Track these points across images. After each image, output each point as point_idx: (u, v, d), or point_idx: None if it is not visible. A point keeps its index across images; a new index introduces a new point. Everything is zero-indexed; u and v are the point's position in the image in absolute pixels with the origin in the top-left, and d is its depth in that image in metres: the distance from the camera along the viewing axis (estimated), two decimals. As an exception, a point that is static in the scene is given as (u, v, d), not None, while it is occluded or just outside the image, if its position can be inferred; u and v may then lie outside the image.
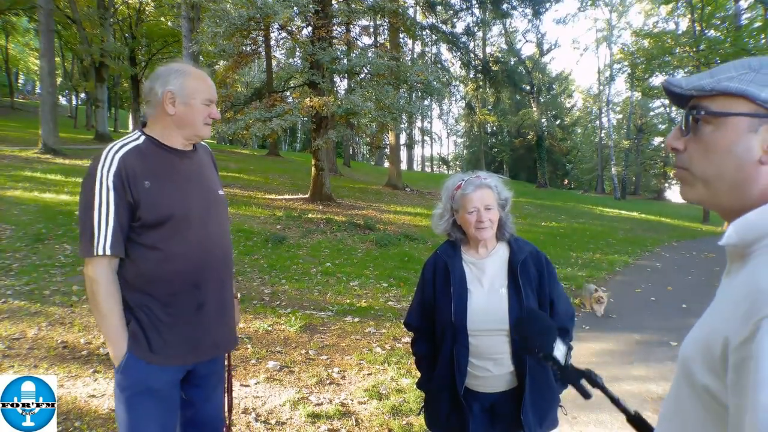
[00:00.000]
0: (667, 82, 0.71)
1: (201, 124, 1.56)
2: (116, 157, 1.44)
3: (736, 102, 0.63)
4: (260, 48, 11.94)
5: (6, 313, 3.96)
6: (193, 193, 1.56)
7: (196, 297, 1.53)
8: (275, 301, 4.97)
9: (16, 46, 34.02)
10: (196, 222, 1.54)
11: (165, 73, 1.52)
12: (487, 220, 1.55)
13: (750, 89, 0.61)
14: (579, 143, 45.14)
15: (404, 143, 31.67)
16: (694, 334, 0.65)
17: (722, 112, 0.64)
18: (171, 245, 1.48)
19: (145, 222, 1.45)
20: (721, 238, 0.65)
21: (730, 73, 0.64)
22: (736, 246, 0.64)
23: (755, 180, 0.62)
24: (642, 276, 7.55)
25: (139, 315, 1.47)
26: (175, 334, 1.50)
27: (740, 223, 0.63)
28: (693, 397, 0.62)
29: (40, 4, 13.03)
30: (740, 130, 0.62)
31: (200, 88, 1.54)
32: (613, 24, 34.45)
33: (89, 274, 1.42)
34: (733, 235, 0.63)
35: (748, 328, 0.52)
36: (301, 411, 2.83)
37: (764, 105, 0.61)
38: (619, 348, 4.25)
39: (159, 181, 1.48)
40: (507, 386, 1.55)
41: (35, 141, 13.92)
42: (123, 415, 1.46)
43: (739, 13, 16.73)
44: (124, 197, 1.42)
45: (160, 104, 1.51)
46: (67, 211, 7.29)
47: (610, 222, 15.56)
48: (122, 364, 1.44)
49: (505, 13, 18.86)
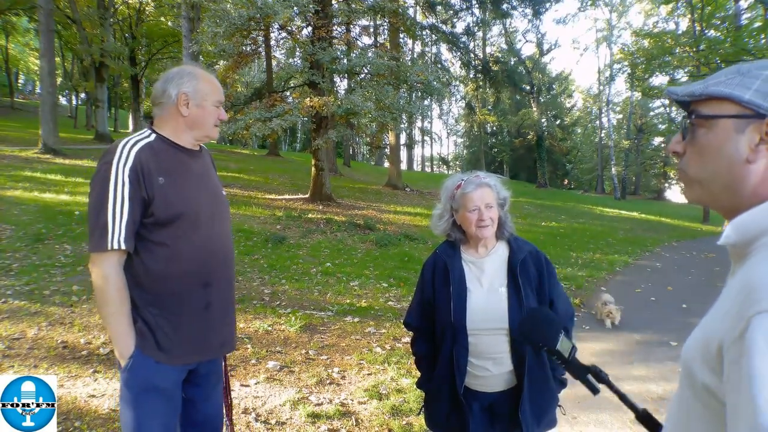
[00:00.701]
0: (668, 90, 0.75)
1: (211, 126, 1.60)
2: (132, 152, 1.44)
3: (724, 105, 0.66)
4: (260, 48, 11.94)
5: (6, 313, 3.96)
6: (203, 193, 1.58)
7: (204, 296, 1.54)
8: (275, 301, 4.97)
9: (16, 46, 34.03)
10: (204, 221, 1.54)
11: (178, 76, 1.54)
12: (488, 218, 1.56)
13: (735, 92, 0.64)
14: (579, 143, 45.14)
15: (404, 143, 31.67)
16: (695, 335, 0.66)
17: (711, 115, 0.67)
18: (180, 243, 1.49)
19: (158, 218, 1.45)
20: (720, 238, 0.66)
21: (720, 78, 0.68)
22: (735, 245, 0.65)
23: (746, 179, 0.64)
24: (642, 276, 7.55)
25: (147, 314, 1.47)
26: (183, 333, 1.50)
27: (736, 222, 0.65)
28: (694, 396, 0.63)
29: (40, 4, 13.04)
30: (729, 132, 0.65)
31: (212, 90, 1.58)
32: (613, 24, 34.46)
33: (98, 269, 1.40)
34: (731, 234, 0.65)
35: (741, 325, 0.54)
36: (301, 411, 2.83)
37: (748, 106, 0.63)
38: (619, 348, 4.25)
39: (172, 179, 1.49)
40: (506, 386, 1.55)
41: (35, 141, 13.92)
42: (129, 413, 1.46)
43: (739, 13, 16.72)
44: (139, 192, 1.42)
45: (174, 105, 1.53)
46: (67, 211, 7.30)
47: (610, 222, 15.56)
48: (130, 363, 1.44)
49: (505, 13, 18.86)
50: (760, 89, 0.63)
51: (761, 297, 0.53)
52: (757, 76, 0.64)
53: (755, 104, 0.63)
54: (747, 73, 0.65)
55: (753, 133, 0.63)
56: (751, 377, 0.50)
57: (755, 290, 0.55)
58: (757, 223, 0.62)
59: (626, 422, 2.88)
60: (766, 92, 0.63)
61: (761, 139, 0.63)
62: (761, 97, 0.63)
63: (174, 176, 1.50)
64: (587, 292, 6.24)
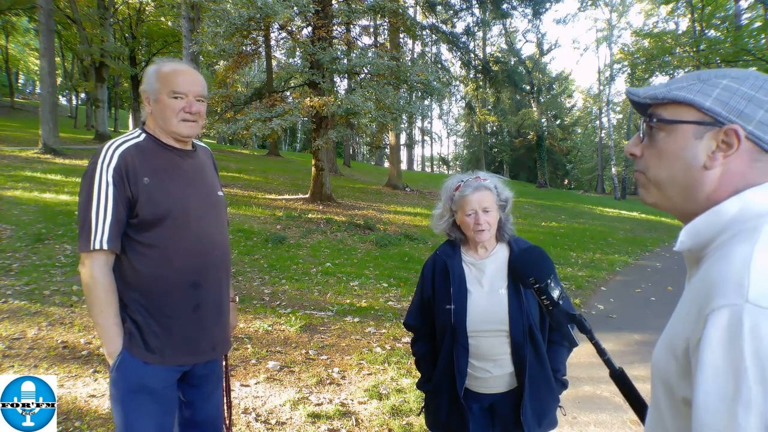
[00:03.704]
0: (628, 91, 0.75)
1: (175, 121, 1.50)
2: (116, 153, 1.44)
3: (684, 110, 0.67)
4: (260, 48, 11.93)
5: (6, 313, 3.96)
6: (193, 193, 1.55)
7: (194, 297, 1.52)
8: (275, 301, 4.97)
9: (16, 46, 34.01)
10: (194, 221, 1.53)
11: (145, 74, 1.55)
12: (485, 222, 1.54)
13: (696, 98, 0.66)
14: (579, 143, 45.14)
15: (404, 143, 31.68)
16: (661, 341, 0.67)
17: (672, 120, 0.68)
18: (169, 244, 1.47)
19: (143, 219, 1.44)
20: (675, 244, 0.67)
21: (681, 83, 0.68)
22: (690, 250, 0.67)
23: (702, 185, 0.66)
24: (642, 276, 7.55)
25: (135, 314, 1.46)
26: (171, 334, 1.49)
27: (689, 228, 0.66)
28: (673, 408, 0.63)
29: (40, 4, 13.04)
30: (688, 137, 0.67)
31: (167, 81, 1.49)
32: (613, 24, 34.44)
33: (85, 269, 1.41)
34: (686, 240, 0.67)
35: (701, 324, 0.55)
36: (301, 411, 2.83)
37: (708, 113, 0.65)
38: (619, 348, 4.25)
39: (158, 178, 1.48)
40: (507, 387, 1.55)
41: (35, 141, 13.93)
42: (119, 414, 1.45)
43: (739, 13, 16.73)
44: (123, 192, 1.42)
45: (146, 105, 1.54)
46: (67, 211, 7.29)
47: (611, 222, 15.55)
48: (117, 363, 1.44)
49: (505, 13, 18.86)
50: (719, 97, 0.64)
51: (717, 293, 0.55)
52: (716, 84, 0.65)
53: (714, 112, 0.64)
54: (707, 81, 0.66)
55: (710, 141, 0.64)
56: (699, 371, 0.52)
57: (712, 287, 0.56)
58: (709, 228, 0.64)
59: (626, 422, 2.88)
60: (725, 101, 0.64)
61: (717, 147, 0.64)
62: (720, 105, 0.64)
63: (161, 176, 1.49)
64: (587, 292, 6.24)
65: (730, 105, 0.63)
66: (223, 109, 11.20)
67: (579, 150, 44.85)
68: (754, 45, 14.65)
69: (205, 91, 1.56)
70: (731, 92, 0.64)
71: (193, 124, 1.53)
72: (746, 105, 0.63)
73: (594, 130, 42.19)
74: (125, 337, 1.45)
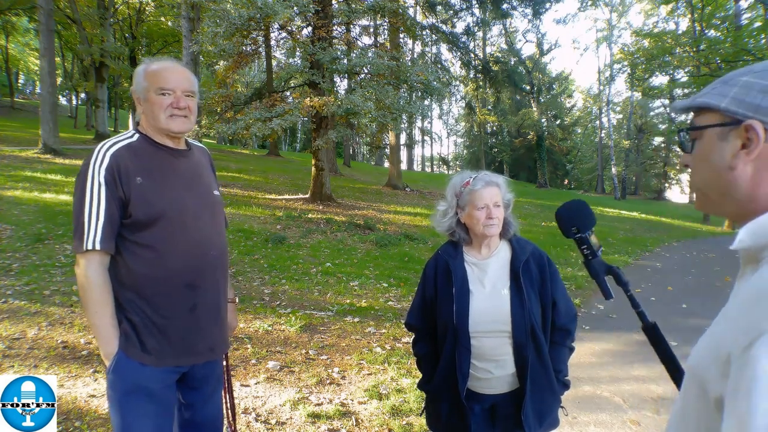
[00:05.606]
0: (671, 106, 0.77)
1: (163, 117, 1.49)
2: (108, 154, 1.44)
3: (708, 115, 0.67)
4: (260, 48, 11.93)
5: (6, 313, 3.96)
6: (188, 193, 1.54)
7: (190, 298, 1.51)
8: (275, 301, 4.97)
9: (16, 46, 34.02)
10: (190, 222, 1.51)
11: (134, 74, 1.54)
12: (496, 216, 1.55)
13: (712, 101, 0.66)
14: (579, 143, 45.14)
15: (404, 143, 31.68)
16: (703, 343, 0.65)
17: (696, 126, 0.69)
18: (164, 244, 1.46)
19: (137, 219, 1.43)
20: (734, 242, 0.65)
21: (706, 89, 0.69)
22: (749, 249, 0.64)
23: (734, 185, 0.65)
24: (642, 276, 7.54)
25: (131, 315, 1.46)
26: (168, 335, 1.48)
27: (752, 227, 0.63)
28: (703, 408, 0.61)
29: (40, 4, 13.04)
30: (714, 141, 0.67)
31: (154, 78, 1.49)
32: (613, 24, 34.46)
33: (80, 269, 1.41)
34: (746, 239, 0.64)
35: (752, 335, 0.53)
36: (301, 411, 2.83)
37: (726, 113, 0.64)
38: (619, 348, 4.25)
39: (152, 178, 1.47)
40: (509, 388, 1.55)
41: (35, 141, 13.93)
42: (117, 416, 1.44)
43: (739, 13, 16.72)
44: (115, 193, 1.41)
45: (137, 104, 1.54)
46: (67, 211, 7.29)
47: (611, 222, 15.55)
48: (113, 364, 1.43)
49: (505, 13, 18.86)
50: (736, 96, 0.64)
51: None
52: (736, 83, 0.65)
53: (731, 111, 0.64)
54: (728, 81, 0.66)
55: (736, 140, 0.64)
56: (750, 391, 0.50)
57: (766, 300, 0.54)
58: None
59: (626, 422, 2.88)
60: (741, 98, 0.63)
61: (743, 145, 0.63)
62: (736, 104, 0.63)
63: (154, 176, 1.48)
64: (587, 292, 6.24)
65: (746, 101, 0.63)
66: (223, 109, 11.20)
67: (579, 150, 44.85)
68: (754, 45, 14.64)
69: (193, 87, 1.55)
70: (748, 88, 0.63)
71: (183, 119, 1.52)
72: (763, 98, 0.61)
73: (594, 130, 42.21)
74: (121, 338, 1.44)
